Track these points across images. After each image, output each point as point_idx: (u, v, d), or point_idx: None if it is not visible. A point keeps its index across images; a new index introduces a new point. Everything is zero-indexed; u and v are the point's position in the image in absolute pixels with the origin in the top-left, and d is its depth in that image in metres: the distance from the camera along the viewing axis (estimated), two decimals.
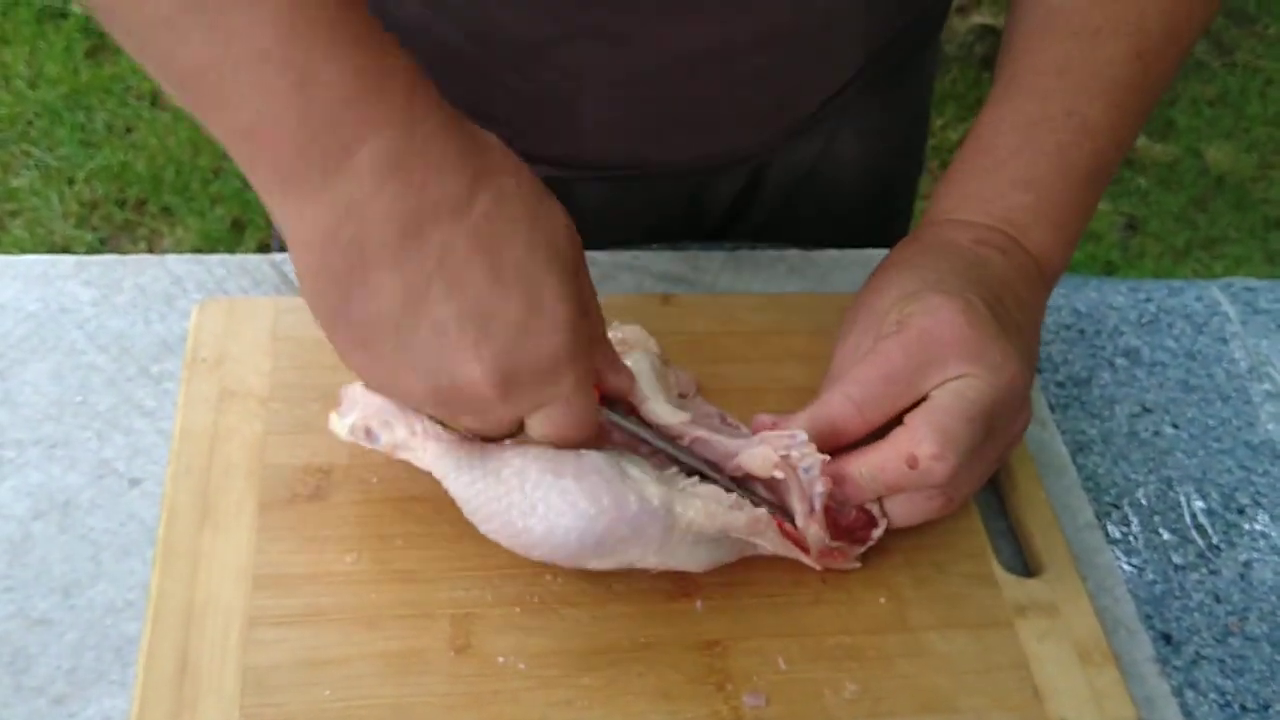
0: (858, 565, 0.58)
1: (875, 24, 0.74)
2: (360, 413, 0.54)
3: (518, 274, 0.47)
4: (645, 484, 0.53)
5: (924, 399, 0.54)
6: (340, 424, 0.55)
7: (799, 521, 0.55)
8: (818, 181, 0.83)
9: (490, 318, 0.46)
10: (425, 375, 0.47)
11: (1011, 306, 0.57)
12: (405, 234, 0.45)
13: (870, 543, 0.57)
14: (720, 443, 0.56)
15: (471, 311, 0.46)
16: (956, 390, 0.54)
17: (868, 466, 0.54)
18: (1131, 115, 0.62)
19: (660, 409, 0.56)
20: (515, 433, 0.52)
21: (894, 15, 0.76)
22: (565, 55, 0.69)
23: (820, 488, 0.55)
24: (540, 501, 0.52)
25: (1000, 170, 0.61)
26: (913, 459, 0.53)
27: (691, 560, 0.55)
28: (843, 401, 0.54)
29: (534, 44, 0.69)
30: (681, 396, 0.60)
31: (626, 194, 0.80)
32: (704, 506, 0.53)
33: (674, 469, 0.56)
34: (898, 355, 0.54)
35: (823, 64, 0.75)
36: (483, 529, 0.54)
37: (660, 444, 0.56)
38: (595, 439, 0.53)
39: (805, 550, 0.56)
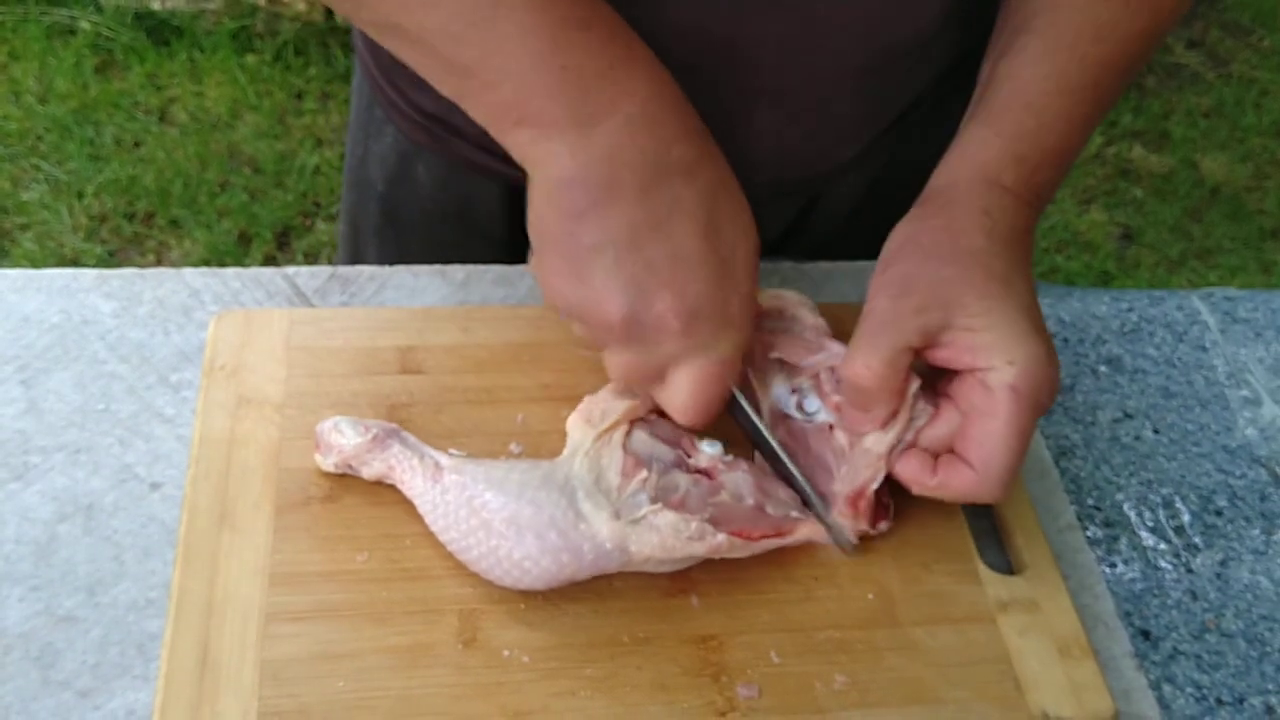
0: (853, 542, 0.61)
1: (942, 49, 0.75)
2: (339, 455, 0.60)
3: (723, 240, 0.57)
4: (599, 524, 0.56)
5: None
6: (325, 462, 0.60)
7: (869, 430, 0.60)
8: (873, 201, 0.83)
9: (695, 265, 0.55)
10: (626, 300, 0.55)
11: (1026, 264, 0.62)
12: (648, 182, 0.55)
13: (873, 533, 0.61)
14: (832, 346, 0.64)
15: (682, 256, 0.55)
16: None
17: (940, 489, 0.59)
18: (1119, 94, 0.66)
19: (812, 319, 0.65)
20: (654, 383, 0.59)
21: (960, 40, 0.77)
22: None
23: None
24: (505, 558, 0.55)
25: (1042, 135, 0.63)
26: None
27: (655, 569, 0.59)
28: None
29: None
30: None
31: None
32: (661, 541, 0.56)
33: (639, 486, 0.58)
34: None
35: (890, 96, 0.76)
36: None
37: (760, 430, 0.62)
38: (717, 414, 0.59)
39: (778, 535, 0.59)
